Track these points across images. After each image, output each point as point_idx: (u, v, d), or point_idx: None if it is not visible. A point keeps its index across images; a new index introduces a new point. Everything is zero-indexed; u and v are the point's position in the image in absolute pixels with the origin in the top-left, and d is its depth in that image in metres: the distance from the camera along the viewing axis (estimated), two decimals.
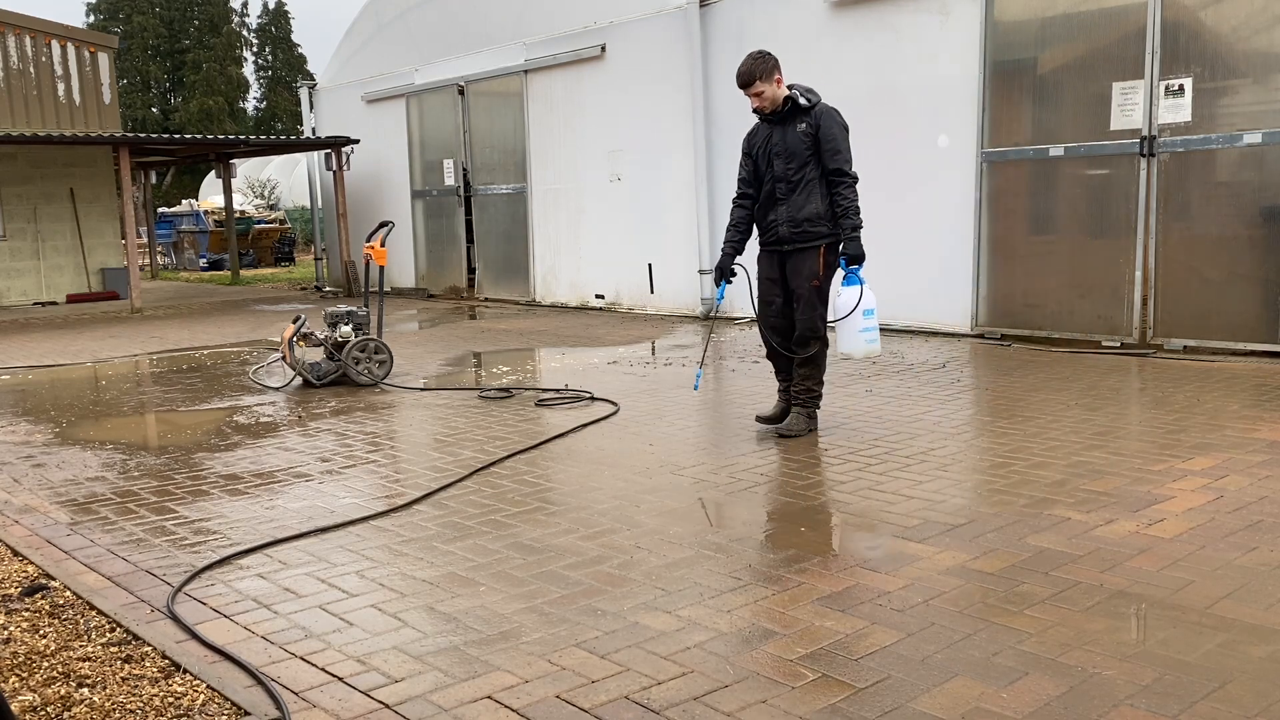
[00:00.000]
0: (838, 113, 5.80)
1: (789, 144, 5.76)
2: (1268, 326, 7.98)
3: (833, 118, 5.75)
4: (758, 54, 5.76)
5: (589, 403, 7.18)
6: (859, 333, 5.78)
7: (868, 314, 5.77)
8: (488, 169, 14.98)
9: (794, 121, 5.77)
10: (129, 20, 55.84)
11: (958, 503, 4.59)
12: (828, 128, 5.70)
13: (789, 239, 5.80)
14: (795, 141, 5.74)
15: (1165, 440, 5.60)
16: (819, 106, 5.79)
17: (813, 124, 5.72)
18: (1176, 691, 2.81)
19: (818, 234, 5.76)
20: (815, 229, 5.75)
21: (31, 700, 2.99)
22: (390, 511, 4.75)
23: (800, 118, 5.76)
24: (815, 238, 5.76)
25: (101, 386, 8.76)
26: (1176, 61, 8.26)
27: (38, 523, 4.79)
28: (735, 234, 6.02)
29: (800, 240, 5.77)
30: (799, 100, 5.76)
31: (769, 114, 5.83)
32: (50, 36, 17.55)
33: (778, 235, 5.85)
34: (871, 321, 5.79)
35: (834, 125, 5.72)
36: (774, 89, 5.76)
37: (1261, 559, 3.78)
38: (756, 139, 5.94)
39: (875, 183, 10.39)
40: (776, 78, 5.76)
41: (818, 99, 5.82)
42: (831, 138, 5.69)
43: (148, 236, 25.10)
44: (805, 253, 5.79)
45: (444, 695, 2.94)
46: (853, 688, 2.89)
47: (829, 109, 5.80)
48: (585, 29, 13.17)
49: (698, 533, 4.30)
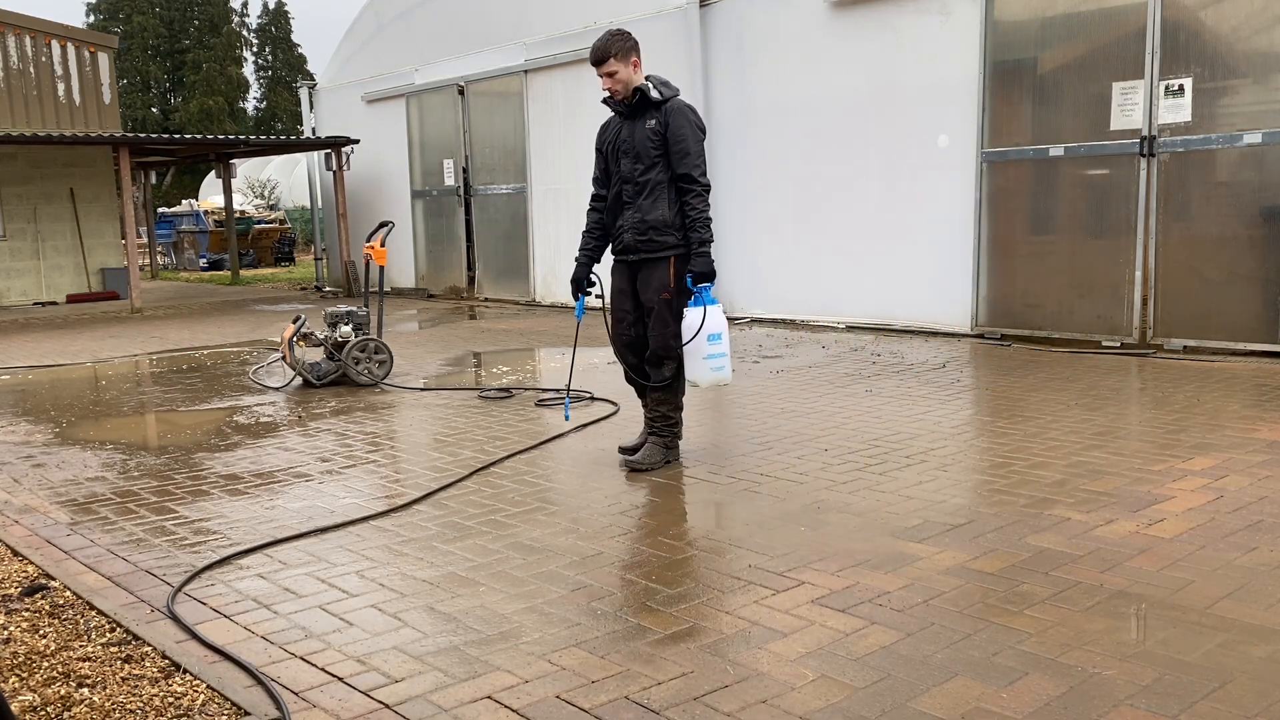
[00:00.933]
0: (692, 111, 5.19)
1: (636, 141, 5.16)
2: (1268, 326, 7.98)
3: (684, 115, 5.12)
4: (616, 31, 5.19)
5: (589, 403, 7.18)
6: (703, 360, 5.17)
7: (713, 339, 5.14)
8: (488, 169, 14.98)
9: (644, 117, 5.16)
10: (129, 20, 55.84)
11: (958, 503, 4.59)
12: (677, 126, 5.09)
13: (635, 247, 5.22)
14: (643, 139, 5.13)
15: (1165, 440, 5.59)
16: (671, 102, 5.15)
17: (662, 121, 5.11)
18: (1176, 691, 2.81)
19: (665, 244, 5.16)
20: (663, 238, 5.15)
21: (31, 700, 2.99)
22: (390, 511, 4.75)
23: (650, 113, 5.15)
24: (663, 248, 5.16)
25: (101, 386, 8.76)
26: (1176, 61, 8.26)
27: (38, 523, 4.79)
28: (589, 240, 5.47)
29: (647, 249, 5.18)
30: (650, 93, 5.14)
31: (620, 106, 5.23)
32: (50, 36, 17.55)
33: (624, 243, 5.26)
34: (719, 347, 5.18)
35: (685, 124, 5.10)
36: (629, 72, 5.14)
37: (1261, 559, 3.78)
38: (608, 134, 5.36)
39: (875, 183, 10.45)
40: (634, 60, 5.15)
41: (673, 93, 5.20)
42: (680, 138, 5.08)
43: (148, 236, 25.10)
44: (654, 263, 5.19)
45: (444, 695, 2.94)
46: (852, 688, 2.89)
47: (682, 106, 5.17)
48: (585, 29, 13.16)
49: (698, 533, 4.30)
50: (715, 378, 5.26)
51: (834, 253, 10.83)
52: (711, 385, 5.38)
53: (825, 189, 10.83)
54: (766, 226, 11.47)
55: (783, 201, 11.28)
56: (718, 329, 5.15)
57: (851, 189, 10.61)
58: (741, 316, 11.76)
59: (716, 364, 5.20)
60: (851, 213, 10.64)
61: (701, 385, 5.35)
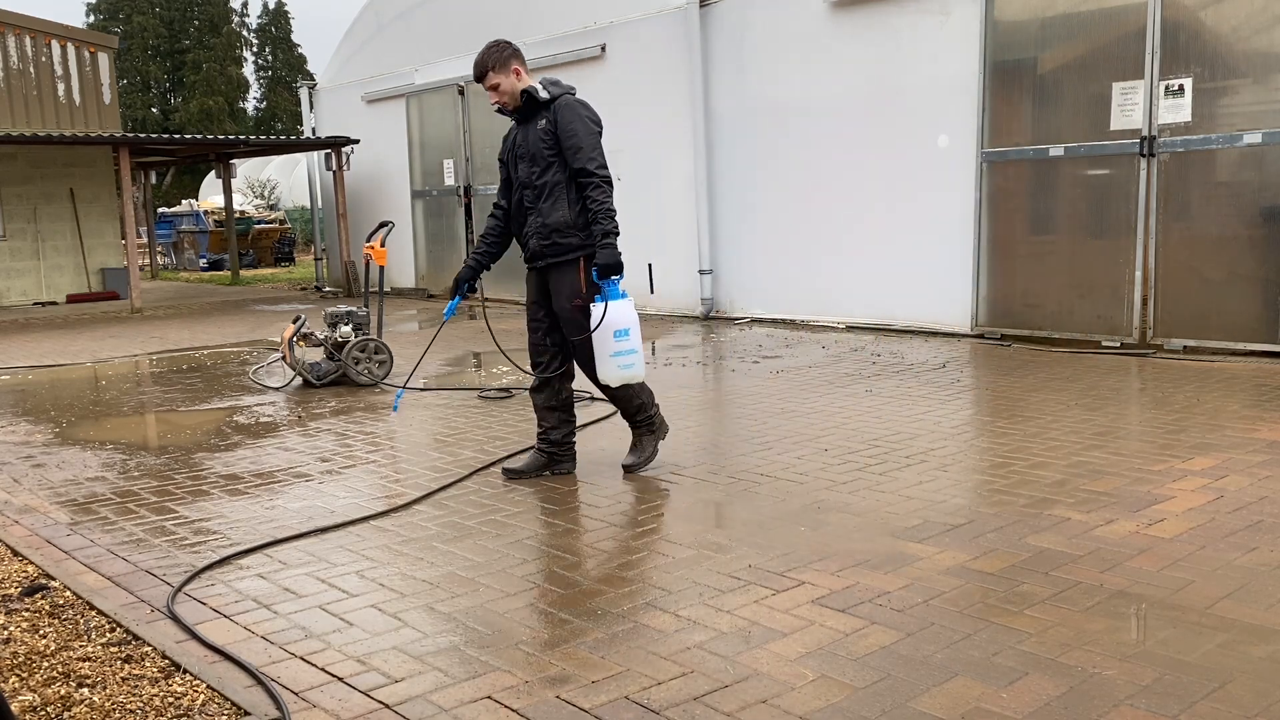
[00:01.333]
0: (582, 105, 5.06)
1: (530, 144, 5.05)
2: (1268, 326, 7.98)
3: (573, 110, 4.99)
4: (493, 43, 5.09)
5: (589, 403, 7.17)
6: (610, 357, 4.97)
7: (619, 335, 4.94)
8: (488, 169, 14.96)
9: (536, 119, 5.06)
10: (129, 20, 55.84)
11: (958, 503, 4.59)
12: (566, 122, 4.96)
13: (541, 253, 5.09)
14: (535, 141, 5.02)
15: (1165, 440, 5.60)
16: (560, 100, 5.03)
17: (552, 119, 4.99)
18: (1176, 691, 2.81)
19: (570, 245, 5.01)
20: (566, 240, 5.01)
21: (31, 700, 2.99)
22: (390, 511, 4.75)
23: (541, 114, 5.04)
24: (569, 250, 5.02)
25: (101, 386, 8.76)
26: (1176, 61, 8.26)
27: (38, 523, 4.79)
28: (482, 245, 5.40)
29: (553, 254, 5.05)
30: (538, 94, 5.02)
31: (514, 112, 5.14)
32: (50, 36, 17.55)
33: (531, 250, 5.15)
34: (626, 343, 4.96)
35: (574, 119, 4.97)
36: (511, 81, 5.05)
37: (1261, 559, 3.78)
38: (507, 142, 5.26)
39: (875, 183, 10.44)
40: (514, 68, 5.05)
41: (561, 91, 5.07)
42: (570, 133, 4.95)
43: (148, 236, 25.10)
44: (563, 268, 5.06)
45: (444, 695, 2.94)
46: (852, 688, 2.89)
47: (571, 101, 5.04)
48: (585, 29, 13.16)
49: (698, 533, 4.30)
50: (623, 375, 5.03)
51: (833, 252, 10.83)
52: (620, 383, 5.10)
53: (825, 189, 10.83)
54: (766, 226, 11.47)
55: (782, 201, 11.28)
56: (624, 324, 4.95)
57: (851, 189, 10.61)
58: (741, 316, 11.77)
59: (624, 361, 4.99)
60: (851, 212, 10.64)
61: (612, 385, 5.10)
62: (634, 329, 5.01)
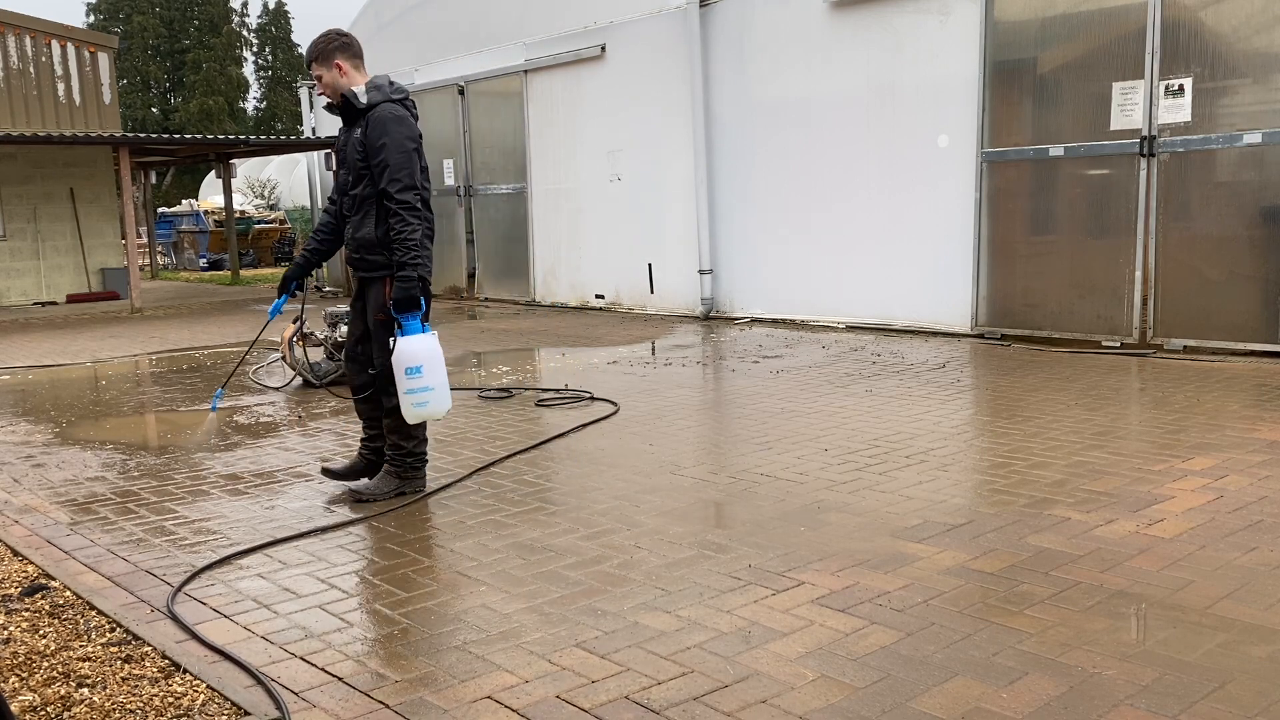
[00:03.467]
0: (398, 120, 4.66)
1: (347, 152, 4.79)
2: (1268, 326, 7.98)
3: (383, 125, 4.62)
4: (325, 32, 4.83)
5: (589, 403, 7.18)
6: (405, 394, 4.68)
7: (411, 372, 4.63)
8: (488, 169, 14.98)
9: (356, 125, 4.76)
10: (129, 20, 55.84)
11: (958, 503, 4.59)
12: (375, 137, 4.61)
13: (355, 264, 4.87)
14: (352, 150, 4.75)
15: (1165, 440, 5.59)
16: (377, 109, 4.67)
17: (365, 129, 4.69)
18: (1176, 691, 2.81)
19: (376, 263, 4.77)
20: (374, 257, 4.75)
21: (31, 700, 2.99)
22: (390, 511, 4.75)
23: (359, 121, 4.74)
24: (375, 267, 4.78)
25: (101, 386, 8.76)
26: (1176, 61, 8.26)
27: (38, 523, 4.79)
28: (312, 242, 5.14)
29: (364, 268, 4.83)
30: (356, 99, 4.71)
31: (338, 111, 4.85)
32: (50, 36, 17.55)
33: (350, 258, 4.93)
34: (419, 381, 4.64)
35: (382, 134, 4.61)
36: (334, 76, 4.75)
37: (1261, 559, 3.78)
38: (337, 141, 4.99)
39: (875, 183, 10.45)
40: (337, 62, 4.74)
41: (382, 98, 4.70)
42: (378, 150, 4.61)
43: (148, 236, 25.09)
44: (373, 282, 4.83)
45: (444, 695, 2.94)
46: (853, 688, 2.89)
47: (387, 115, 4.65)
48: (585, 29, 13.16)
49: (698, 533, 4.30)
50: (419, 413, 4.73)
51: (834, 252, 10.84)
52: (418, 420, 4.81)
53: (825, 189, 10.84)
54: (766, 226, 11.47)
55: (783, 201, 11.28)
56: (417, 361, 4.61)
57: (851, 189, 10.61)
58: (741, 316, 11.77)
59: (417, 399, 4.67)
60: (851, 212, 10.64)
61: (409, 420, 4.79)
62: (430, 366, 4.65)
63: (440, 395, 4.72)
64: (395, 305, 4.64)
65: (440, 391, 4.71)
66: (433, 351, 4.68)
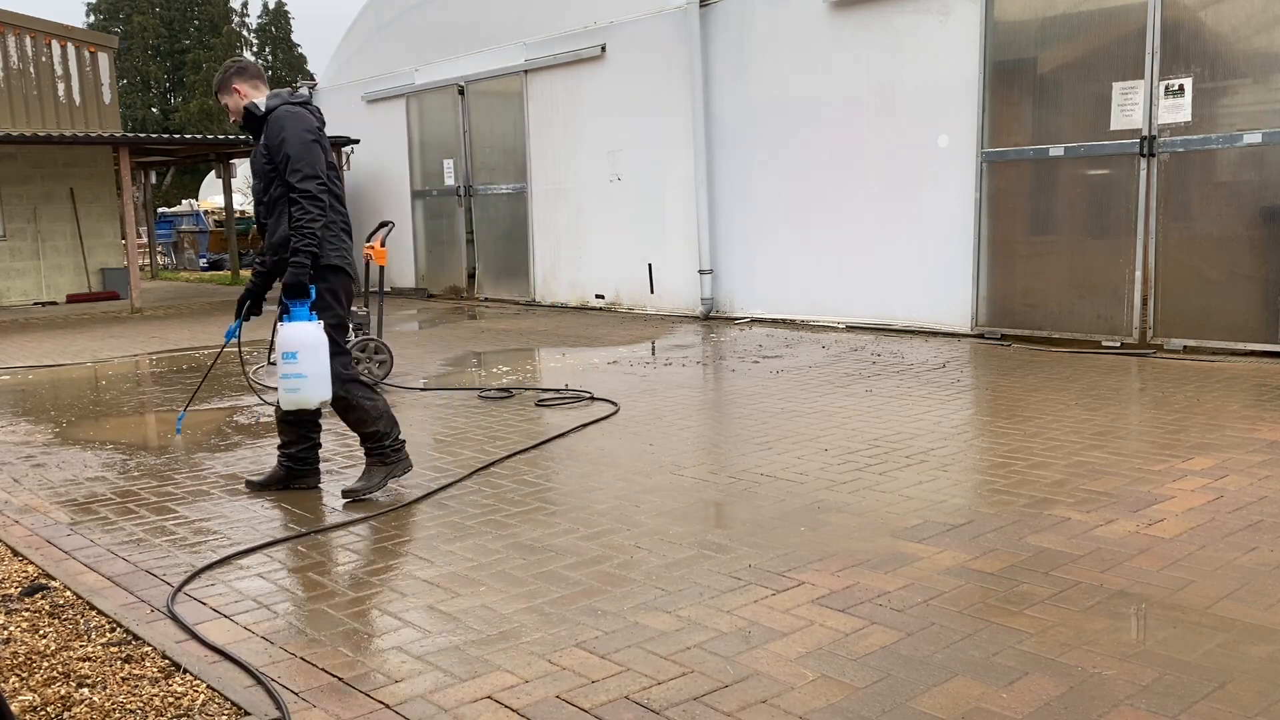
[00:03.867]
0: (296, 115, 4.84)
1: (255, 161, 4.96)
2: (1268, 326, 7.99)
3: (280, 122, 4.80)
4: (225, 63, 5.09)
5: (589, 403, 7.18)
6: (280, 379, 4.77)
7: (288, 357, 4.69)
8: (488, 169, 14.98)
9: (261, 134, 4.95)
10: (129, 20, 55.85)
11: (958, 503, 4.59)
12: (274, 135, 4.80)
13: (277, 267, 4.96)
14: (259, 157, 4.90)
15: (1165, 440, 5.60)
16: (275, 111, 4.87)
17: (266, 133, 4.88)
18: (1176, 691, 2.81)
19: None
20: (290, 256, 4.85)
21: (31, 700, 2.99)
22: (390, 511, 4.75)
23: (262, 129, 4.93)
24: None
25: (101, 386, 8.76)
26: (1176, 61, 8.27)
27: (38, 523, 4.79)
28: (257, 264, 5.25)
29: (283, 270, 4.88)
30: (256, 110, 4.94)
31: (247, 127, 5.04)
32: (50, 36, 17.55)
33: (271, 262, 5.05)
34: (293, 366, 4.69)
35: (280, 130, 4.78)
36: (236, 100, 4.98)
37: (1261, 559, 3.78)
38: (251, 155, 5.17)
39: (875, 183, 10.45)
40: (236, 87, 4.97)
41: (280, 103, 4.91)
42: (278, 147, 4.78)
43: (148, 236, 25.10)
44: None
45: (444, 695, 2.94)
46: (853, 688, 2.89)
47: (283, 113, 4.84)
48: (585, 29, 13.17)
49: (698, 533, 4.30)
50: (290, 399, 4.79)
51: (834, 252, 10.84)
52: (290, 407, 4.86)
53: (825, 188, 10.84)
54: (766, 226, 11.47)
55: (783, 201, 11.28)
56: (292, 347, 4.67)
57: (851, 189, 10.62)
58: (741, 316, 11.77)
59: (289, 385, 4.73)
60: (851, 212, 10.64)
61: (282, 406, 4.88)
62: (306, 353, 4.69)
63: (314, 384, 4.75)
64: (284, 290, 4.75)
65: (314, 380, 4.74)
66: (313, 339, 4.72)
